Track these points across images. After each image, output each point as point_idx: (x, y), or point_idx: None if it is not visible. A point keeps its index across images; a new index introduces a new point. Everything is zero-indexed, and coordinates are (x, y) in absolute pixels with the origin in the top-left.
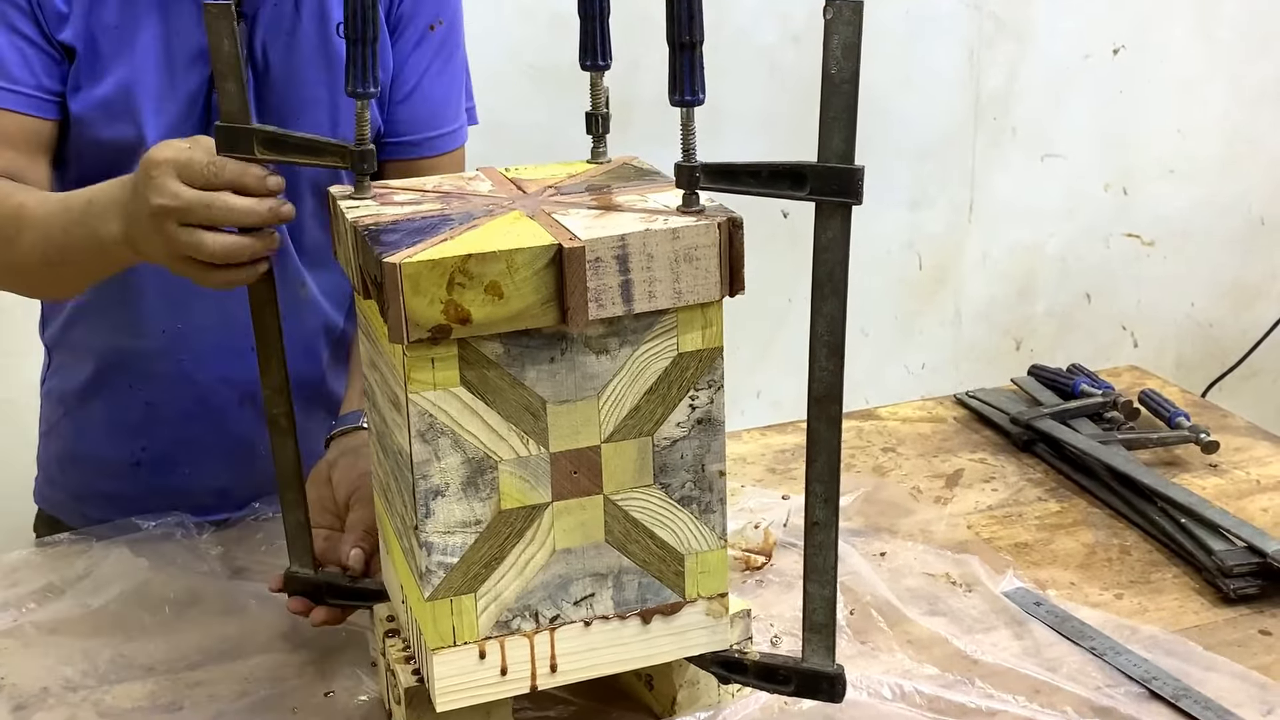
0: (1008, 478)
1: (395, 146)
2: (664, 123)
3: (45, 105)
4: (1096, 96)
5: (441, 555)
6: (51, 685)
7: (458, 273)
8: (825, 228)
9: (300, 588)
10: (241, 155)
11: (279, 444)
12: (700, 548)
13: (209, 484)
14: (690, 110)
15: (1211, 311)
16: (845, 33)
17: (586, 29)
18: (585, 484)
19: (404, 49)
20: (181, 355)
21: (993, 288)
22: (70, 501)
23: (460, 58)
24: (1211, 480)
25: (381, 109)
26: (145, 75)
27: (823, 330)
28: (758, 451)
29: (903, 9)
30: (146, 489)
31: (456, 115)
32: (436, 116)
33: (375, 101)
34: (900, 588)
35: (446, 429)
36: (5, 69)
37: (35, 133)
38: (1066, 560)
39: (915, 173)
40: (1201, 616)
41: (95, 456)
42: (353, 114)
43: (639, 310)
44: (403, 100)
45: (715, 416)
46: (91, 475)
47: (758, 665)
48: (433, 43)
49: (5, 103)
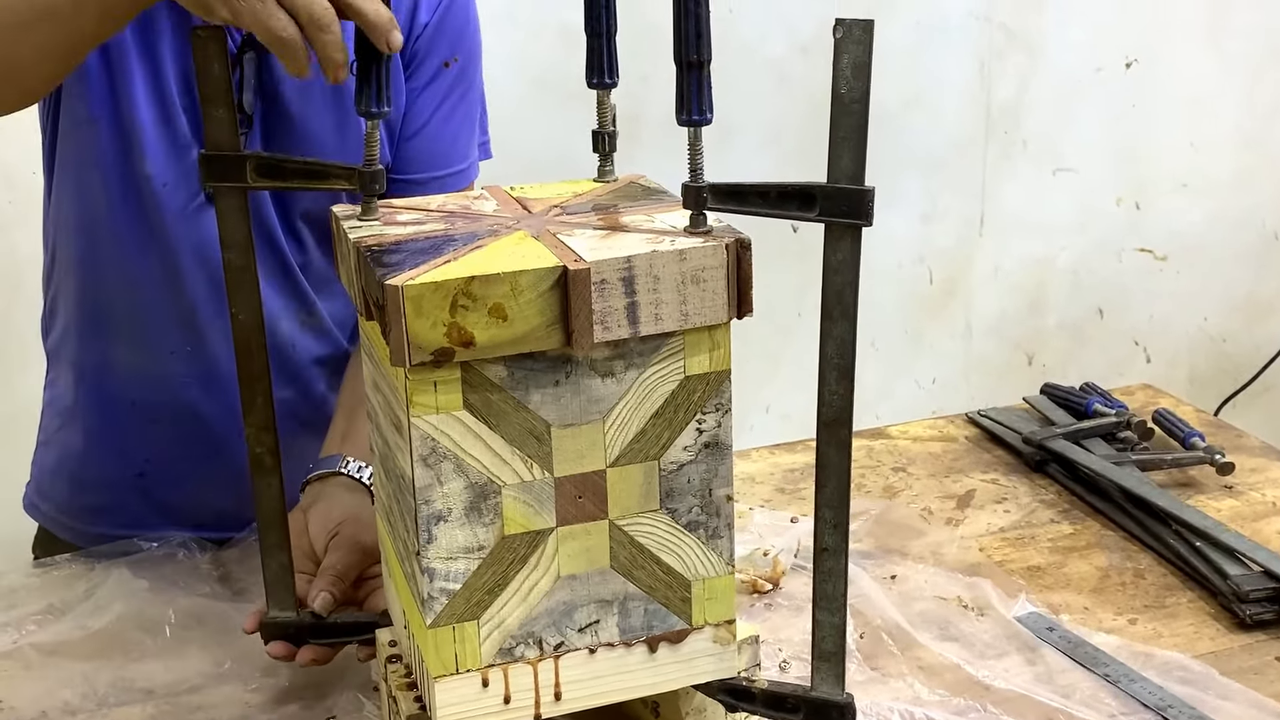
0: (1020, 499)
1: (401, 184)
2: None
3: None
4: (1108, 110)
5: (444, 581)
6: (50, 709)
7: (461, 295)
8: (835, 249)
9: (278, 632)
10: (233, 184)
11: (262, 484)
12: (707, 573)
13: (210, 504)
14: (698, 130)
15: (1225, 326)
16: (855, 52)
17: (594, 47)
18: (590, 509)
19: (416, 86)
20: (188, 379)
21: (1004, 301)
22: (58, 514)
23: (475, 96)
24: (1227, 502)
25: (391, 144)
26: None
27: (832, 353)
28: (766, 471)
29: (912, 21)
30: (144, 505)
31: (465, 154)
32: (445, 156)
33: (385, 134)
34: (911, 612)
35: (449, 453)
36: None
37: None
38: (1080, 584)
39: (926, 185)
40: (1217, 642)
41: (92, 468)
42: (357, 147)
43: (645, 333)
44: (411, 137)
45: (723, 440)
46: (86, 488)
47: (766, 694)
48: (446, 80)
49: None
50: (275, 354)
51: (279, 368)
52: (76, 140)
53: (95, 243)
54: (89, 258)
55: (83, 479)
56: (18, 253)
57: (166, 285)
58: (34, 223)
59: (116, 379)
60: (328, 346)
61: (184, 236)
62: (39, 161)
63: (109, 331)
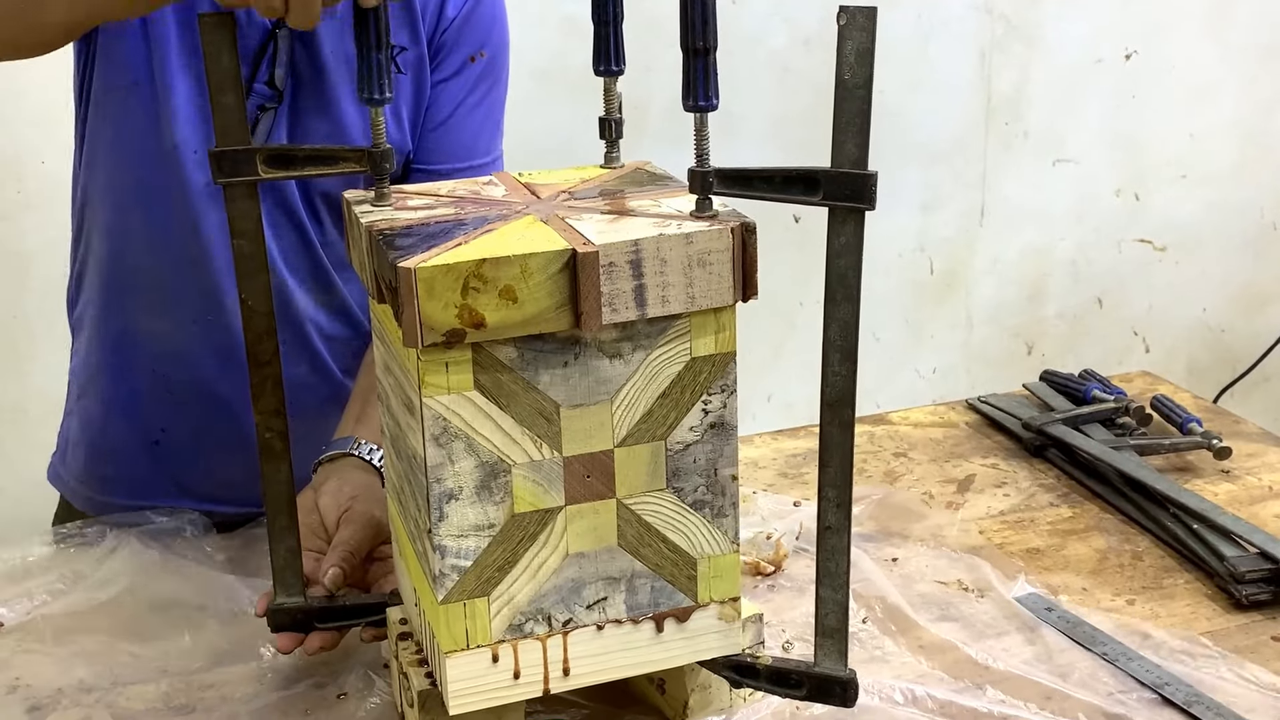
0: (1020, 483)
1: (423, 174)
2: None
3: None
4: (1108, 100)
5: (455, 559)
6: (65, 686)
7: (472, 277)
8: (838, 233)
9: (286, 619)
10: (244, 179)
11: (271, 469)
12: (713, 551)
13: (221, 476)
14: (704, 116)
15: (1223, 316)
16: (859, 38)
17: (601, 34)
18: (598, 488)
19: (441, 78)
20: (207, 349)
21: (1004, 291)
22: (76, 484)
23: (501, 91)
24: (1224, 486)
25: (414, 135)
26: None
27: (835, 335)
28: (769, 456)
29: (914, 12)
30: (157, 475)
31: (489, 149)
32: (468, 149)
33: (410, 127)
34: (912, 593)
35: (460, 433)
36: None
37: None
38: (1079, 566)
39: (926, 176)
40: (1214, 622)
41: (110, 436)
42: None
43: (652, 315)
44: (435, 129)
45: (728, 421)
46: (103, 456)
47: (770, 669)
48: (472, 74)
49: None
50: (292, 330)
51: (298, 345)
52: (110, 105)
53: (124, 208)
54: (117, 224)
55: (100, 447)
56: (26, 241)
57: (191, 254)
58: (42, 212)
59: (138, 347)
60: (346, 328)
61: (210, 207)
62: (47, 152)
63: (133, 299)
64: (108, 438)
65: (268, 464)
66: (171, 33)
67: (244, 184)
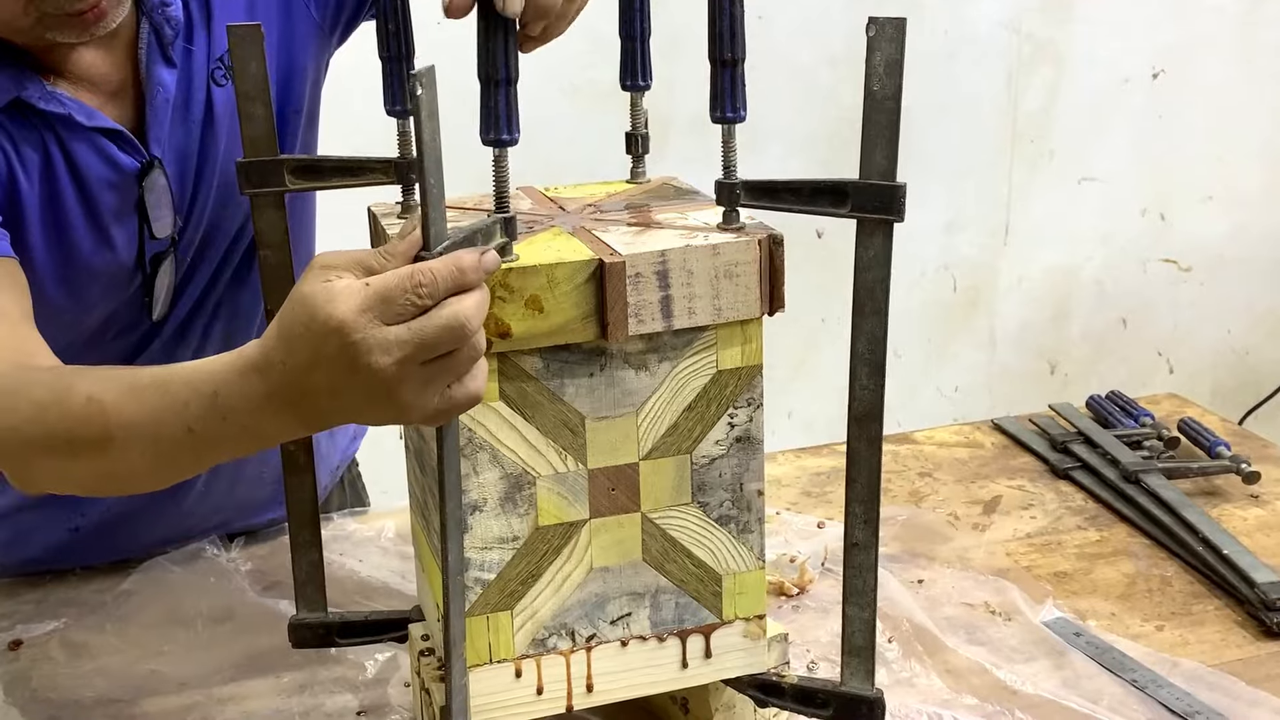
0: (1046, 505)
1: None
2: (700, 143)
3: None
4: (1135, 121)
5: (478, 571)
6: (84, 699)
7: (499, 286)
8: (866, 245)
9: (308, 634)
10: (271, 189)
11: (295, 482)
12: (738, 568)
13: (146, 540)
14: (731, 127)
15: (1248, 339)
16: (888, 50)
17: (628, 49)
18: (623, 501)
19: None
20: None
21: (1027, 311)
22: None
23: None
24: (1253, 511)
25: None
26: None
27: (863, 349)
28: (793, 474)
29: (940, 30)
30: (82, 553)
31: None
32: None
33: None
34: (939, 615)
35: (485, 444)
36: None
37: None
38: (1107, 590)
39: (951, 194)
40: (1244, 650)
41: (29, 523)
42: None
43: (679, 326)
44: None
45: (754, 435)
46: (21, 539)
47: (795, 688)
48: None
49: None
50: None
51: None
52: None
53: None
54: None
55: (17, 529)
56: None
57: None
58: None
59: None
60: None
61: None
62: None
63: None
64: (28, 525)
65: (291, 477)
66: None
67: (271, 194)
